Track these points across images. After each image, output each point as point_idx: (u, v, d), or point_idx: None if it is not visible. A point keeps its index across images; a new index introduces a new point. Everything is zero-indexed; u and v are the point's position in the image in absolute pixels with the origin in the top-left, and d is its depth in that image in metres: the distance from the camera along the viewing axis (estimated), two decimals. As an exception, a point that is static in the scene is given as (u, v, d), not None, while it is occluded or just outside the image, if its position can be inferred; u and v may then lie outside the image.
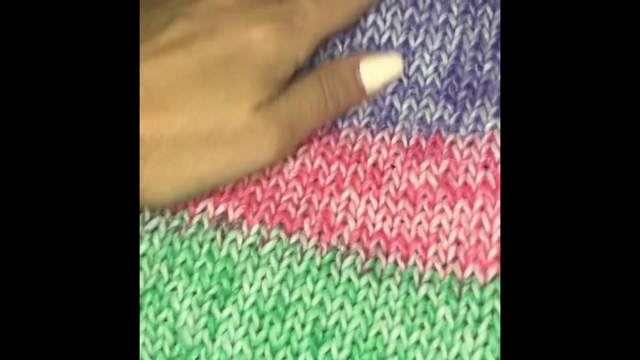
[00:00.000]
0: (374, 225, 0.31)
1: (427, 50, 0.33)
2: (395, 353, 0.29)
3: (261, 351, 0.30)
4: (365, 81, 0.32)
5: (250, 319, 0.30)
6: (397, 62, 0.33)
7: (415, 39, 0.34)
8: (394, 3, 0.34)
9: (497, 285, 0.29)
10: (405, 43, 0.33)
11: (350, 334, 0.29)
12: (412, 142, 0.32)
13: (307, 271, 0.30)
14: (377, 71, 0.32)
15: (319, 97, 0.31)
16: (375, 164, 0.32)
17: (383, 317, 0.29)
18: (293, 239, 0.31)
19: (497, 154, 0.32)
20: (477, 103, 0.32)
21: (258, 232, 0.31)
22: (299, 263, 0.30)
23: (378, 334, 0.29)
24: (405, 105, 0.33)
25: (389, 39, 0.34)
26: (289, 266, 0.30)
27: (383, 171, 0.32)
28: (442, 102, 0.33)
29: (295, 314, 0.30)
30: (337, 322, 0.30)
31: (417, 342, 0.29)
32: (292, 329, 0.30)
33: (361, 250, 0.31)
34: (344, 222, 0.31)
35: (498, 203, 0.31)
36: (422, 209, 0.31)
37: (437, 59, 0.33)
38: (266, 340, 0.30)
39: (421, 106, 0.33)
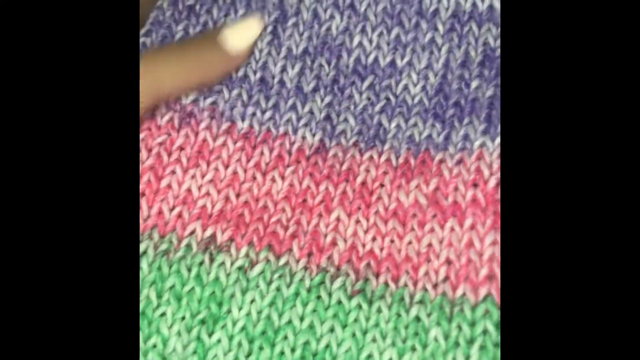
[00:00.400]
0: (363, 245, 0.31)
1: (414, 70, 0.33)
2: (386, 376, 0.29)
3: None
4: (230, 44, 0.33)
5: (240, 344, 0.29)
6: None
7: (402, 58, 0.33)
8: (380, 23, 0.34)
9: (488, 305, 0.29)
10: (392, 63, 0.33)
11: (341, 357, 0.29)
12: (400, 160, 0.32)
13: (297, 294, 0.30)
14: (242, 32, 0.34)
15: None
16: (364, 183, 0.32)
17: (374, 340, 0.29)
18: (282, 261, 0.30)
19: (486, 172, 0.31)
20: (465, 121, 0.32)
21: (247, 255, 0.30)
22: (288, 286, 0.30)
23: (369, 356, 0.29)
24: (393, 124, 0.32)
25: (376, 59, 0.34)
26: (278, 289, 0.30)
27: (372, 190, 0.32)
28: (431, 121, 0.32)
29: (285, 337, 0.29)
30: (328, 346, 0.29)
31: (409, 365, 0.29)
32: (282, 353, 0.29)
33: (351, 272, 0.30)
34: (334, 243, 0.31)
35: (488, 221, 0.30)
36: (412, 229, 0.31)
37: (424, 77, 0.33)
38: None
39: (409, 124, 0.32)
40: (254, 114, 0.33)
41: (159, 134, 0.33)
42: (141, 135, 0.32)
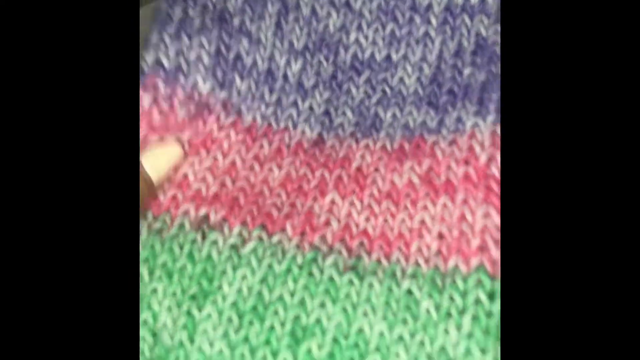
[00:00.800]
0: (357, 225, 0.31)
1: (409, 62, 0.34)
2: (377, 349, 0.28)
3: (240, 351, 0.29)
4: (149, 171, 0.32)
5: (230, 319, 0.29)
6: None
7: (397, 52, 0.34)
8: (375, 19, 0.35)
9: (480, 275, 0.28)
10: (388, 57, 0.34)
11: (331, 332, 0.28)
12: (395, 146, 0.32)
13: (288, 270, 0.30)
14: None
15: None
16: (359, 169, 0.32)
17: (365, 314, 0.29)
18: (275, 239, 0.30)
19: (478, 149, 0.31)
20: (458, 105, 0.32)
21: (239, 234, 0.30)
22: (280, 262, 0.30)
23: (360, 330, 0.28)
24: (389, 114, 0.33)
25: (372, 54, 0.34)
26: (269, 266, 0.30)
27: (367, 174, 0.32)
28: (425, 108, 0.33)
29: (276, 312, 0.29)
30: (318, 320, 0.29)
31: (400, 337, 0.28)
32: (271, 328, 0.29)
33: (344, 250, 0.30)
34: (327, 223, 0.31)
35: (480, 194, 0.30)
36: (405, 207, 0.31)
37: (419, 69, 0.33)
38: (246, 339, 0.29)
39: (405, 113, 0.33)
40: (258, 108, 0.34)
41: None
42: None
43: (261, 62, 0.34)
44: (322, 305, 0.29)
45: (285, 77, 0.34)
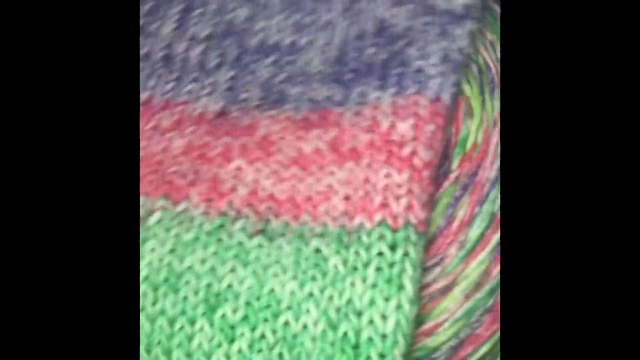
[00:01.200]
0: (264, 190, 0.31)
1: (315, 47, 0.34)
2: (289, 307, 0.29)
3: (159, 323, 0.29)
4: None
5: (145, 294, 0.29)
6: None
7: (304, 38, 0.34)
8: (282, 10, 0.35)
9: (382, 229, 0.29)
10: (294, 43, 0.34)
11: (244, 295, 0.29)
12: (301, 116, 0.33)
13: (197, 238, 0.30)
14: None
15: None
16: (265, 137, 0.32)
17: (275, 275, 0.29)
18: (180, 208, 0.30)
19: (380, 118, 0.32)
20: (362, 81, 0.33)
21: (143, 205, 0.30)
22: (188, 231, 0.30)
23: (271, 291, 0.29)
24: (295, 90, 0.33)
25: (279, 40, 0.34)
26: (177, 235, 0.30)
27: (273, 142, 0.32)
28: (330, 85, 0.33)
29: (187, 282, 0.29)
30: (230, 285, 0.29)
31: (310, 294, 0.29)
32: (185, 298, 0.29)
33: (252, 214, 0.30)
34: (234, 189, 0.31)
35: (381, 157, 0.31)
36: (313, 172, 0.31)
37: (324, 52, 0.34)
38: (162, 312, 0.29)
39: (311, 89, 0.33)
40: (156, 85, 0.33)
41: None
42: None
43: (157, 50, 0.34)
44: (233, 270, 0.29)
45: (184, 60, 0.34)
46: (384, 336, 0.28)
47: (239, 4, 0.35)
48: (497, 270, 0.31)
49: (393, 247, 0.29)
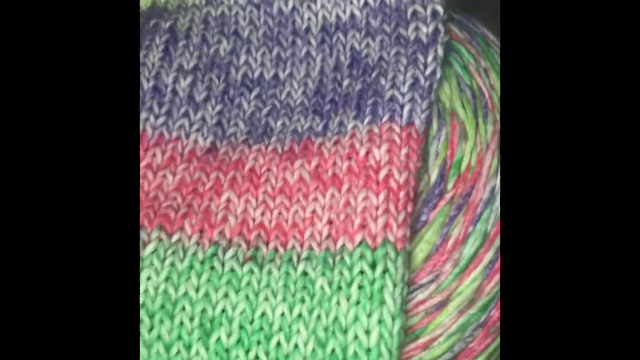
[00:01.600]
0: (254, 219, 0.33)
1: (295, 79, 0.36)
2: (280, 329, 0.30)
3: (155, 349, 0.31)
4: None
5: (142, 320, 0.31)
6: None
7: (284, 71, 0.37)
8: (262, 45, 0.37)
9: (363, 249, 0.31)
10: (276, 76, 0.37)
11: (237, 319, 0.31)
12: (286, 148, 0.35)
13: (191, 267, 0.32)
14: None
15: None
16: (252, 169, 0.34)
17: (266, 299, 0.31)
18: (174, 238, 0.32)
19: (358, 146, 0.34)
20: (340, 111, 0.35)
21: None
22: (182, 260, 0.32)
23: (263, 314, 0.31)
24: (279, 123, 0.35)
25: (261, 74, 0.37)
26: (172, 264, 0.32)
27: (260, 174, 0.34)
28: (311, 116, 0.35)
29: (183, 308, 0.31)
30: (224, 310, 0.31)
31: (300, 315, 0.30)
32: (181, 323, 0.31)
33: (242, 242, 0.32)
34: (225, 219, 0.33)
35: (360, 182, 0.33)
36: (298, 200, 0.33)
37: (304, 84, 0.36)
38: (159, 337, 0.31)
39: (293, 121, 0.35)
40: (147, 119, 0.35)
41: None
42: None
43: (146, 81, 0.36)
44: (226, 295, 0.31)
45: (174, 91, 0.36)
46: (368, 350, 0.30)
47: (220, 38, 0.37)
48: (489, 287, 0.33)
49: (373, 265, 0.31)
